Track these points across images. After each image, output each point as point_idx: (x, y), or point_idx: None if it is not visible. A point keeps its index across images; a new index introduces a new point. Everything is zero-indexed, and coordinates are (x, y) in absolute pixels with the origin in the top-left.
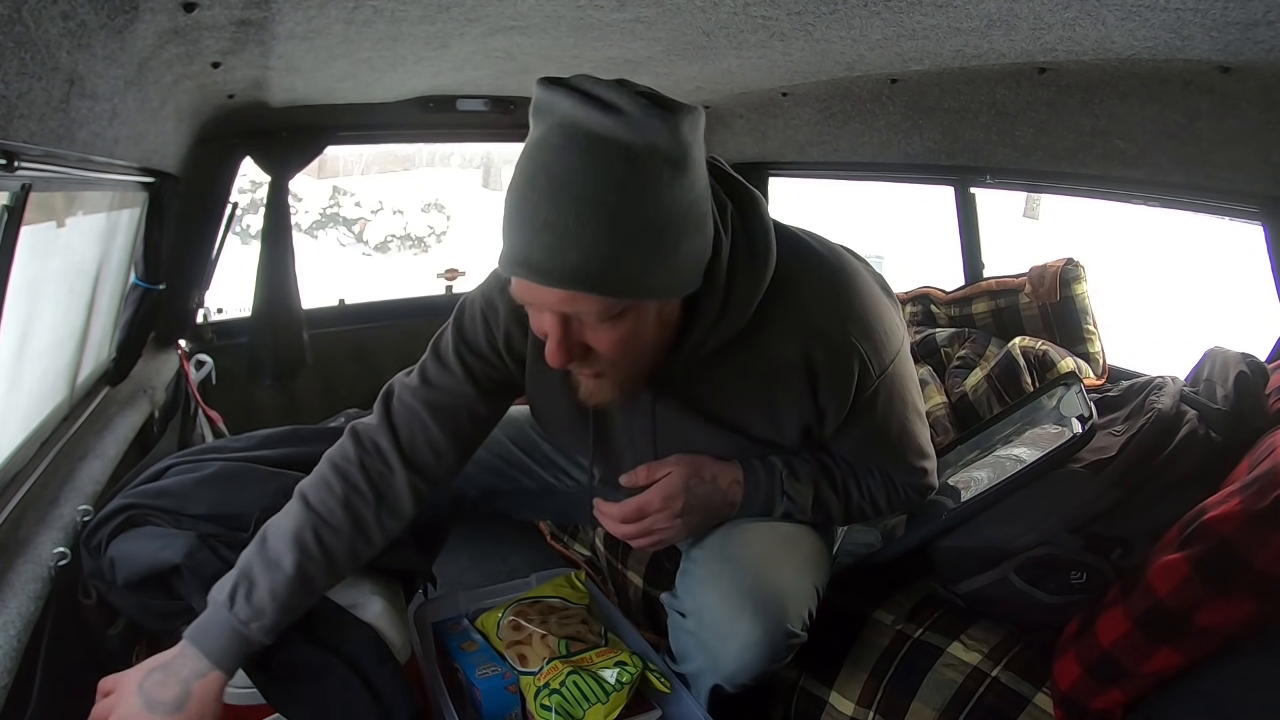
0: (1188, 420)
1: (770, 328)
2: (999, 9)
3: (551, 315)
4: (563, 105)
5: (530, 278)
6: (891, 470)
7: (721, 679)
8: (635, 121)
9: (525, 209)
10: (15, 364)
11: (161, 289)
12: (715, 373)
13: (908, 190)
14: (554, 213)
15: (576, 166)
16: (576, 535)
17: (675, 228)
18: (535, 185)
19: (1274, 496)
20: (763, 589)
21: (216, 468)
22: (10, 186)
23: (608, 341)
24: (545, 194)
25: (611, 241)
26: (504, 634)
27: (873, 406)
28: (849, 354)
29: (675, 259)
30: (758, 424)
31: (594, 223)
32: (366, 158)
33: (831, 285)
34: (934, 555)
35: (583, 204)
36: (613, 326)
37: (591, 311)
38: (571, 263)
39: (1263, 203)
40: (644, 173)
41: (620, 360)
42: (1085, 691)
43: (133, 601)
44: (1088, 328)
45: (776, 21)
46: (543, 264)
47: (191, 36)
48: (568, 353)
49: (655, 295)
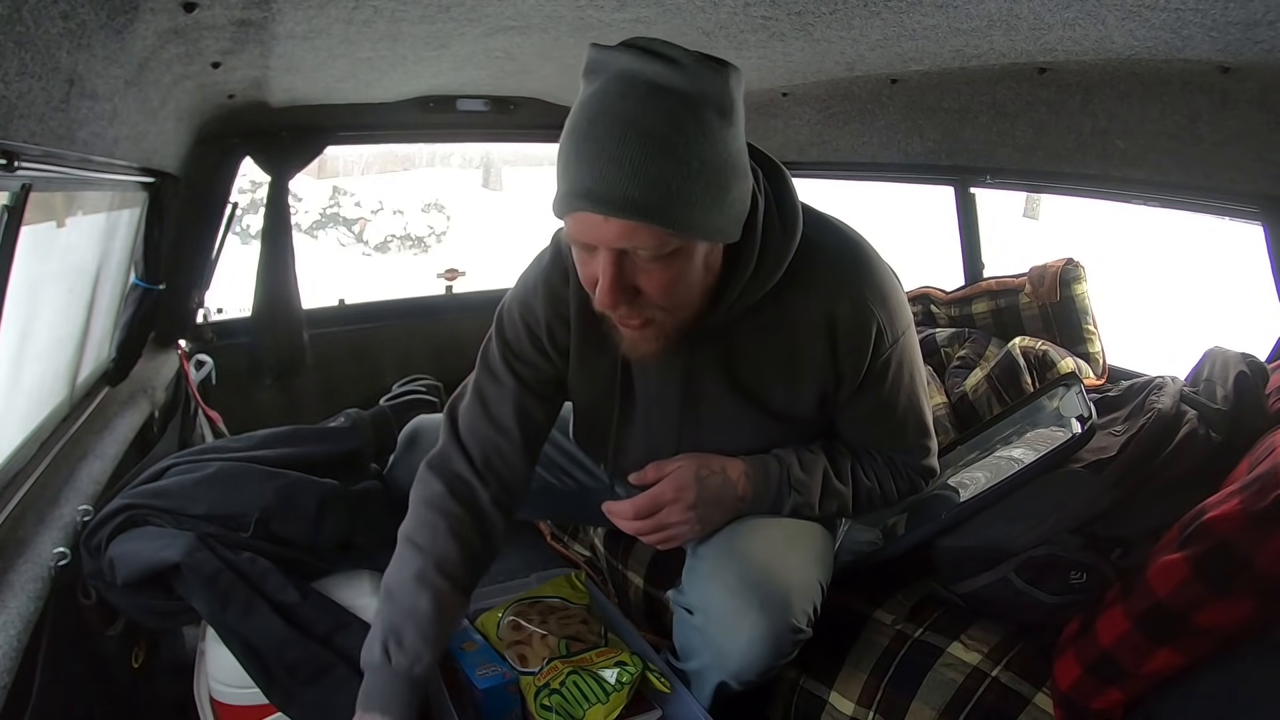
0: (1188, 420)
1: (795, 291)
2: (999, 9)
3: (606, 254)
4: (620, 60)
5: (594, 209)
6: (896, 448)
7: (728, 675)
8: (691, 72)
9: (589, 146)
10: (15, 364)
11: (161, 289)
12: (742, 336)
13: (908, 190)
14: (619, 148)
15: (639, 108)
16: (576, 535)
17: (726, 172)
18: (598, 124)
19: (1274, 496)
20: (769, 583)
21: (216, 468)
22: (10, 186)
23: (658, 282)
24: (609, 131)
25: (673, 176)
26: (504, 634)
27: (884, 374)
28: (867, 317)
29: (726, 202)
30: (778, 394)
31: (657, 158)
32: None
33: (852, 256)
34: (934, 555)
35: (646, 140)
36: (664, 266)
37: (648, 245)
38: (635, 193)
39: (1263, 203)
40: (700, 118)
41: (667, 304)
42: (1085, 691)
43: (132, 601)
44: (1088, 328)
45: (776, 21)
46: (607, 194)
47: (191, 36)
48: (620, 293)
49: (707, 235)
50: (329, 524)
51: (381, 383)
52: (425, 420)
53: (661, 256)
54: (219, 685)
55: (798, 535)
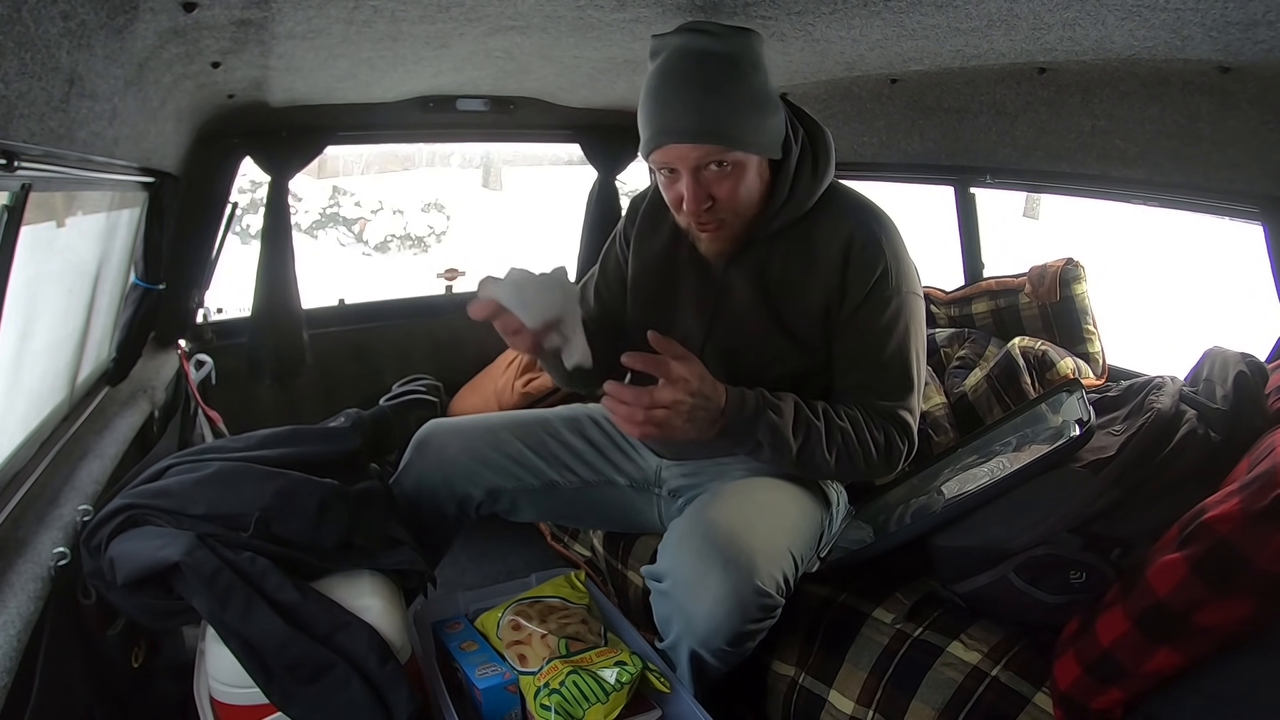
0: (1187, 420)
1: (823, 223)
2: (999, 9)
3: (688, 173)
4: (675, 39)
5: (674, 140)
6: (876, 388)
7: (696, 641)
8: (726, 39)
9: (663, 96)
10: (15, 364)
11: (161, 289)
12: (776, 252)
13: (908, 190)
14: (687, 93)
15: (695, 67)
16: (576, 535)
17: (762, 104)
18: (667, 81)
19: (1273, 496)
20: (733, 546)
21: (216, 468)
22: (10, 186)
23: (728, 189)
24: (676, 85)
25: (728, 108)
26: (504, 634)
27: (882, 310)
28: (878, 252)
29: (765, 126)
30: (792, 303)
31: (715, 97)
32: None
33: (877, 211)
34: (934, 555)
35: (706, 86)
36: (730, 176)
37: (718, 163)
38: (704, 123)
39: (1263, 203)
40: (739, 68)
41: (735, 207)
42: (1085, 691)
43: (132, 601)
44: (1087, 328)
45: (776, 21)
46: (683, 126)
47: (191, 36)
48: (701, 201)
49: (758, 149)
50: (329, 524)
51: (381, 383)
52: (437, 424)
53: (726, 168)
54: (219, 685)
55: (770, 505)
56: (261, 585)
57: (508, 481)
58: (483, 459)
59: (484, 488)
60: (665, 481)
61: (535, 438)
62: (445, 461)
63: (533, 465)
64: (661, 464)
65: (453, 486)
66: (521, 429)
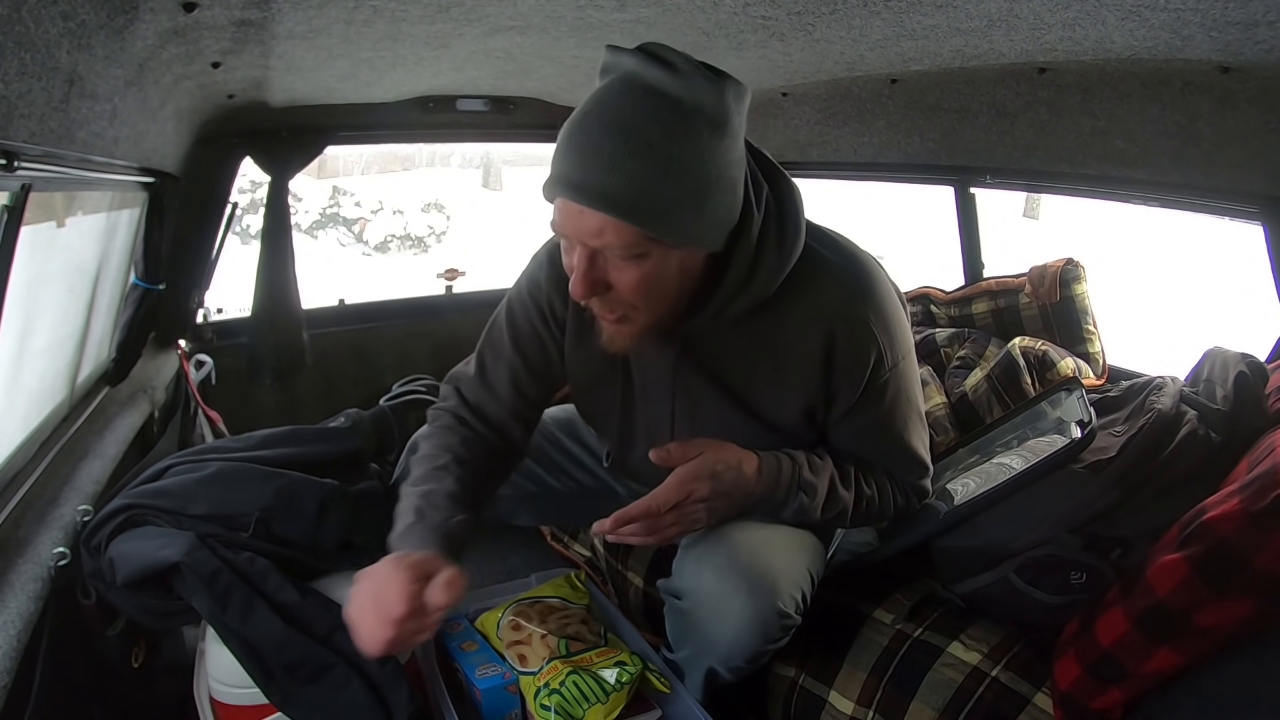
0: (1187, 420)
1: (795, 306)
2: (999, 9)
3: (581, 247)
4: (627, 61)
5: (571, 195)
6: (890, 466)
7: (716, 660)
8: (687, 79)
9: (577, 137)
10: (15, 364)
11: (161, 289)
12: (736, 341)
13: (908, 190)
14: (603, 140)
15: (630, 107)
16: (576, 535)
17: (707, 181)
18: (590, 117)
19: (1273, 496)
20: (756, 567)
21: (216, 468)
22: (10, 186)
23: (628, 280)
24: (598, 125)
25: (649, 176)
26: (504, 634)
27: (881, 397)
28: (868, 340)
29: (703, 211)
30: (765, 401)
31: (636, 157)
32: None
33: (857, 276)
34: (934, 555)
35: (629, 137)
36: (635, 265)
37: (618, 244)
38: (611, 188)
39: (1263, 203)
40: (688, 125)
41: (639, 303)
42: (1085, 691)
43: (132, 601)
44: (1088, 328)
45: (776, 21)
46: (584, 183)
47: (191, 36)
48: (591, 285)
49: (679, 240)
50: (329, 524)
51: (381, 383)
52: None
53: (632, 256)
54: (219, 685)
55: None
56: (261, 586)
57: (506, 487)
58: None
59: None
60: None
61: (531, 443)
62: None
63: (529, 471)
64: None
65: None
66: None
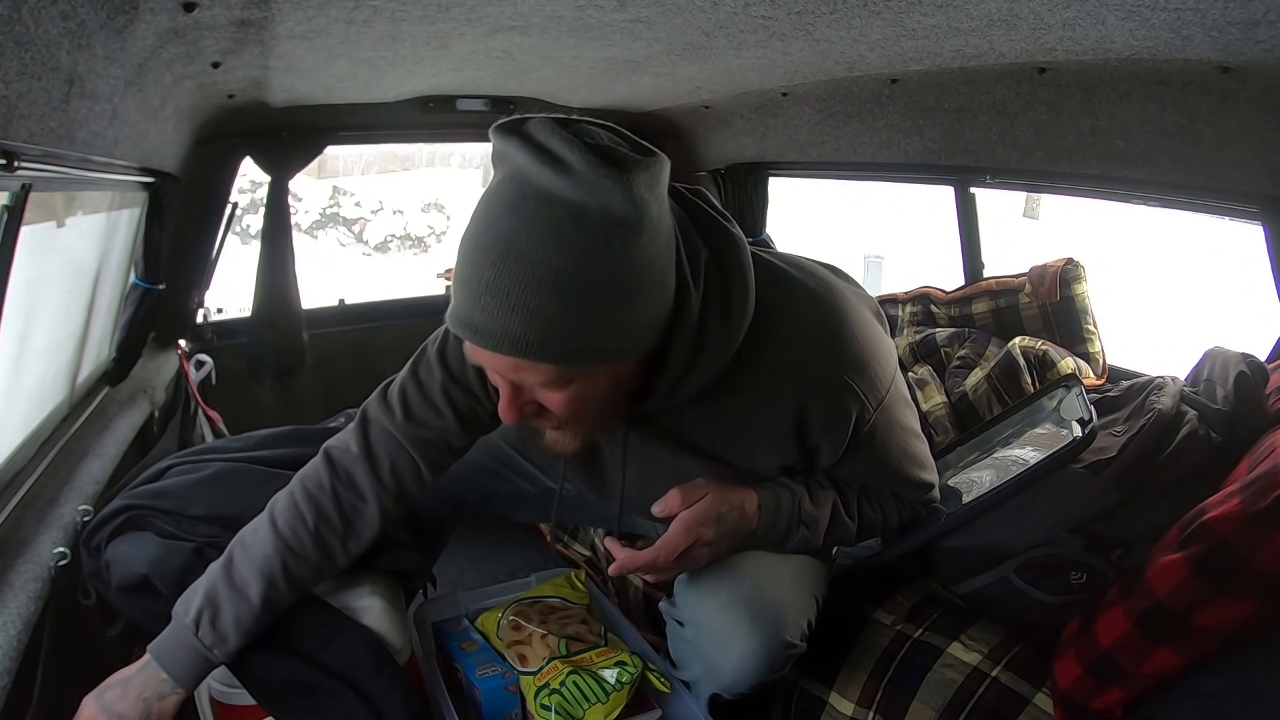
0: (1188, 420)
1: (757, 372)
2: (999, 9)
3: (501, 379)
4: (516, 157)
5: (473, 340)
6: (891, 491)
7: (719, 688)
8: (585, 181)
9: (470, 269)
10: (15, 364)
11: (161, 289)
12: (693, 414)
13: (908, 190)
14: (496, 275)
15: (523, 226)
16: (576, 535)
17: (626, 292)
18: (480, 242)
19: (1274, 496)
20: (761, 599)
21: (216, 468)
22: (10, 186)
23: (558, 403)
24: (489, 254)
25: (555, 308)
26: (504, 634)
27: (871, 439)
28: (845, 397)
29: (626, 323)
30: (737, 458)
31: (536, 289)
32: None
33: (820, 323)
34: (934, 555)
35: (525, 267)
36: (561, 391)
37: (535, 380)
38: (513, 329)
39: (1263, 203)
40: (594, 236)
41: (573, 418)
42: (1085, 691)
43: (131, 603)
44: (1088, 328)
45: (776, 21)
46: (484, 328)
47: (191, 36)
48: (519, 412)
49: (604, 360)
50: None
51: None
52: None
53: (556, 384)
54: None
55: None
56: None
57: (503, 486)
58: (476, 464)
59: (478, 491)
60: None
61: (529, 444)
62: None
63: (527, 472)
64: None
65: (445, 490)
66: (513, 433)
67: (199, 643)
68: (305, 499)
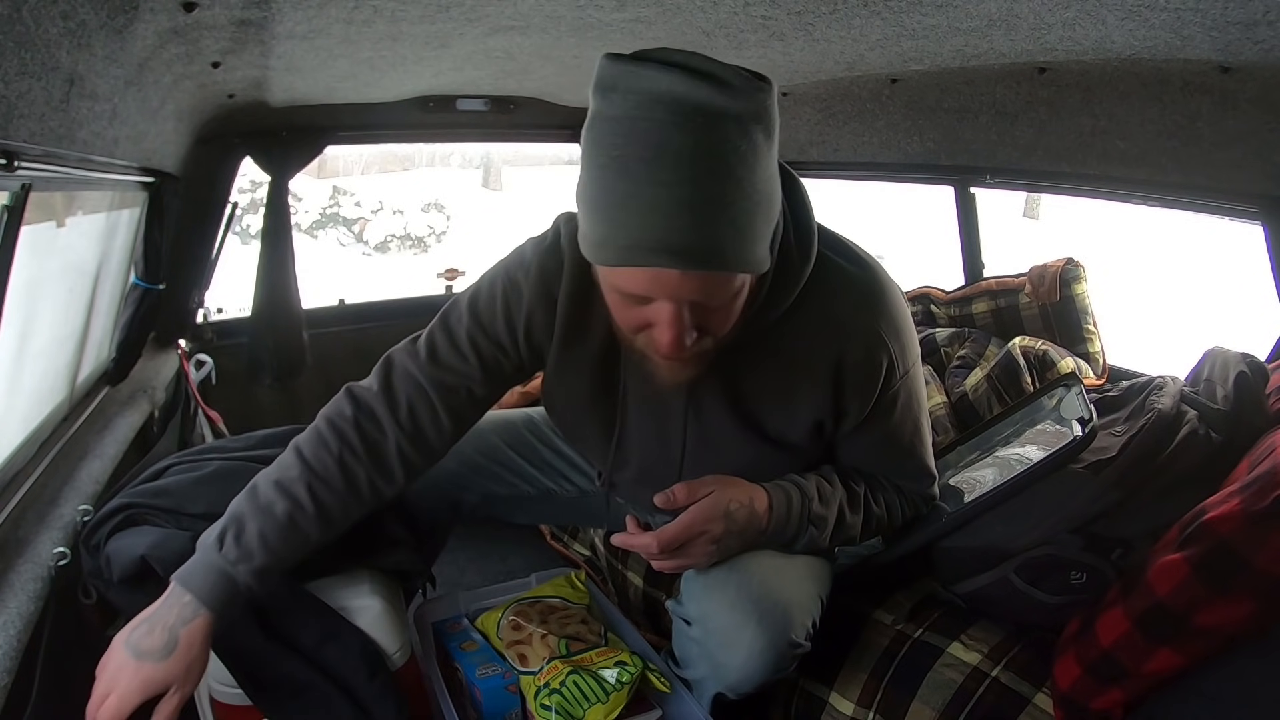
0: (1188, 420)
1: (806, 316)
2: (999, 9)
3: (672, 305)
4: (657, 80)
5: (672, 264)
6: (900, 478)
7: (725, 687)
8: (742, 93)
9: (631, 187)
10: (15, 364)
11: (161, 289)
12: (748, 356)
13: (908, 190)
14: (683, 189)
15: (700, 141)
16: (576, 535)
17: (775, 196)
18: (652, 165)
19: (1274, 497)
20: (768, 598)
21: (216, 467)
22: (10, 186)
23: (721, 319)
24: (674, 171)
25: (745, 214)
26: (504, 634)
27: (893, 407)
28: (880, 349)
29: (771, 230)
30: (774, 416)
31: (731, 198)
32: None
33: (867, 283)
34: (934, 555)
35: (719, 179)
36: (729, 305)
37: (722, 292)
38: (717, 242)
39: (1263, 203)
40: (757, 146)
41: (723, 336)
42: (1085, 691)
43: (131, 600)
44: (1088, 328)
45: (776, 21)
46: (683, 246)
47: (191, 36)
48: (686, 341)
49: (763, 266)
50: None
51: None
52: None
53: (731, 295)
54: (219, 685)
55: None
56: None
57: (502, 488)
58: (474, 465)
59: (478, 493)
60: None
61: (527, 445)
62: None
63: (527, 474)
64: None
65: (443, 490)
66: (511, 435)
67: (222, 559)
68: (328, 427)
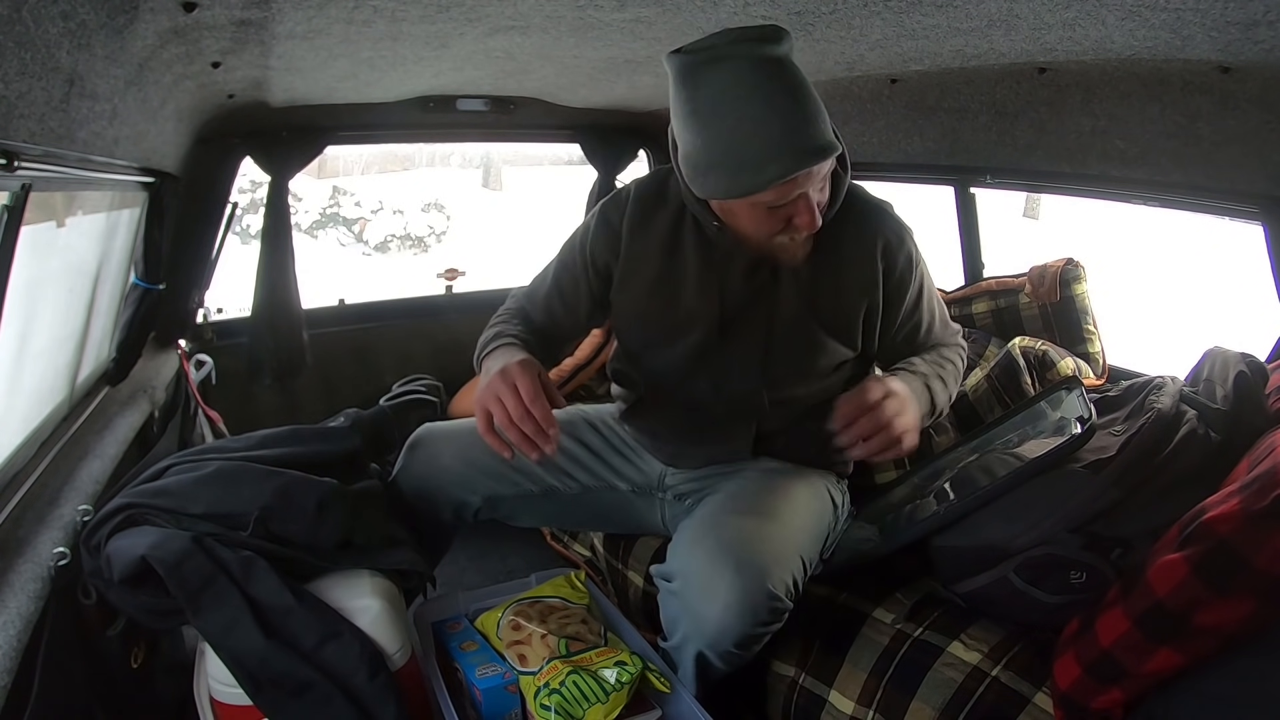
0: (1187, 420)
1: (848, 224)
2: (999, 9)
3: (807, 194)
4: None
5: (808, 162)
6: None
7: (705, 644)
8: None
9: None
10: (15, 364)
11: (161, 289)
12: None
13: (908, 190)
14: (796, 107)
15: (781, 78)
16: (576, 535)
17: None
18: (760, 107)
19: (1273, 496)
20: (746, 550)
21: (216, 467)
22: (10, 186)
23: (823, 198)
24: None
25: (825, 116)
26: (504, 634)
27: (920, 289)
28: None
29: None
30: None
31: (815, 108)
32: (366, 158)
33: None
34: (934, 555)
35: (807, 100)
36: (827, 182)
37: (825, 173)
38: (826, 135)
39: (1263, 203)
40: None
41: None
42: (1085, 691)
43: (131, 600)
44: (1088, 328)
45: (776, 21)
46: (809, 145)
47: (191, 36)
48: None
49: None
50: (328, 523)
51: (381, 383)
52: (431, 428)
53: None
54: (219, 685)
55: (780, 509)
56: (248, 588)
57: (506, 488)
58: (478, 466)
59: (482, 494)
60: (671, 486)
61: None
62: (439, 469)
63: (530, 471)
64: (666, 470)
65: (448, 493)
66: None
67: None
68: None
